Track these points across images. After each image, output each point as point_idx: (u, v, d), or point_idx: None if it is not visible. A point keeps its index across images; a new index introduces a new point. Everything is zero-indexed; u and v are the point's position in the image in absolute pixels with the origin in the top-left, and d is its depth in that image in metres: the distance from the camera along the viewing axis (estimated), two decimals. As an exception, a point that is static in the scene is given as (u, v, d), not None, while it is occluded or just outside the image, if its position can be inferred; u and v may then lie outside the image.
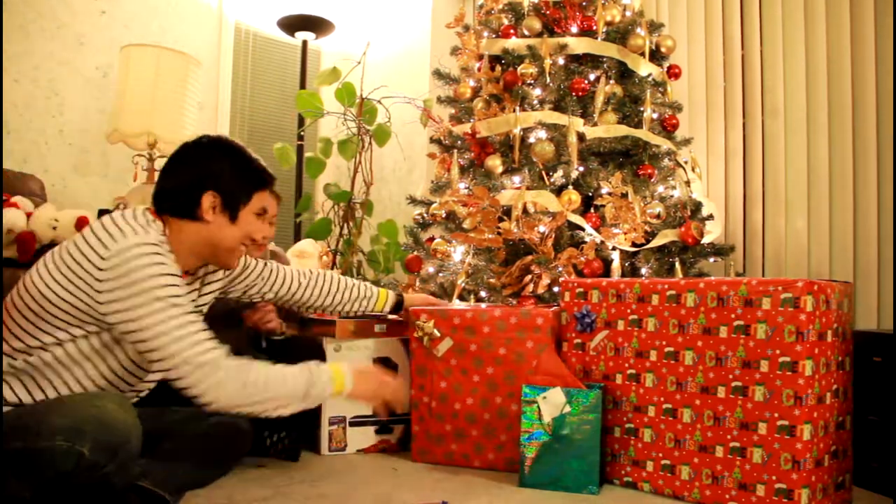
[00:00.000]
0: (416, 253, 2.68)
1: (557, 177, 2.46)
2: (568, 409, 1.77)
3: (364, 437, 2.13)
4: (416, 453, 2.02)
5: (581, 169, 2.47)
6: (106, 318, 1.37)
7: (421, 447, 2.02)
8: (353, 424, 2.10)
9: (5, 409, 1.36)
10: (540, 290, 2.29)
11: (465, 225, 2.42)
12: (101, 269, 1.36)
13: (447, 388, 1.99)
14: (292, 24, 3.85)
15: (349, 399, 1.55)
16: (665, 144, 2.57)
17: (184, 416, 1.71)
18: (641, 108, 2.58)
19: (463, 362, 1.97)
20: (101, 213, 3.24)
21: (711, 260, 2.49)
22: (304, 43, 3.97)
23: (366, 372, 1.60)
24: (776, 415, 1.55)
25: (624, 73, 2.66)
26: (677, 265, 2.38)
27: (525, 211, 2.36)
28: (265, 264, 1.91)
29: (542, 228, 2.34)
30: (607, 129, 2.48)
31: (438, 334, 1.98)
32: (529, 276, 2.32)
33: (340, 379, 1.51)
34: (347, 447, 2.09)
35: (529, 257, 2.33)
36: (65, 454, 1.20)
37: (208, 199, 1.51)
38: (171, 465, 1.55)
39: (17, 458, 1.22)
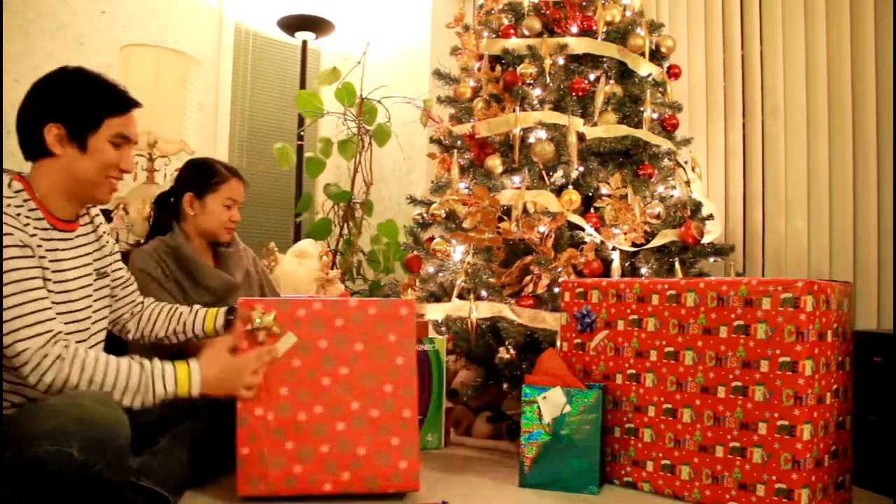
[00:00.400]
0: (415, 253, 2.68)
1: (557, 177, 2.46)
2: (568, 409, 1.77)
3: None
4: (245, 483, 1.56)
5: (581, 169, 2.46)
6: None
7: (251, 475, 1.56)
8: None
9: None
10: (540, 290, 2.29)
11: (465, 225, 2.41)
12: None
13: (289, 395, 1.60)
14: (292, 24, 3.85)
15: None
16: (665, 144, 2.57)
17: (181, 410, 1.71)
18: (641, 108, 2.58)
19: (309, 362, 1.62)
20: (102, 213, 3.25)
21: (711, 260, 2.49)
22: (304, 43, 3.97)
23: (216, 360, 1.52)
24: (776, 415, 1.55)
25: (624, 73, 2.66)
26: (677, 265, 2.38)
27: (525, 211, 2.36)
28: (129, 272, 1.81)
29: (542, 228, 2.34)
30: (607, 129, 2.48)
31: (278, 330, 1.61)
32: (529, 276, 2.32)
33: (184, 380, 1.45)
34: None
35: (529, 257, 2.33)
36: (54, 457, 1.19)
37: (52, 132, 1.43)
38: (170, 462, 1.55)
39: (7, 468, 1.22)
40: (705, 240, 2.46)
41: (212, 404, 1.71)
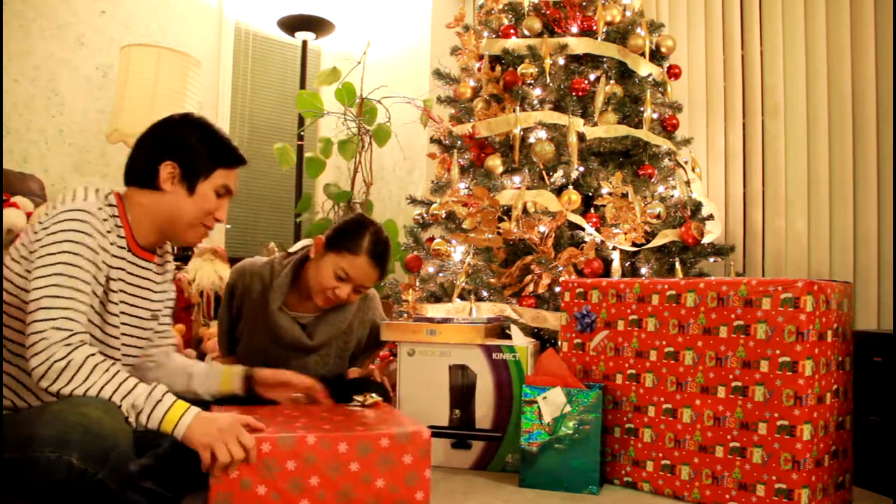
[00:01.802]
0: (416, 253, 2.68)
1: (557, 177, 2.46)
2: (568, 409, 1.77)
3: (439, 450, 1.97)
4: None
5: (581, 169, 2.47)
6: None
7: None
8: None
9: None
10: (540, 290, 2.29)
11: (465, 225, 2.41)
12: (39, 229, 1.37)
13: None
14: (292, 24, 3.85)
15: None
16: (665, 144, 2.57)
17: None
18: (641, 108, 2.58)
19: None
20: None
21: (711, 260, 2.49)
22: (304, 43, 3.97)
23: (215, 422, 1.35)
24: (776, 415, 1.55)
25: (624, 73, 2.67)
26: (677, 265, 2.38)
27: (525, 211, 2.36)
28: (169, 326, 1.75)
29: (542, 228, 2.34)
30: (607, 129, 2.48)
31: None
32: (530, 276, 2.32)
33: (173, 419, 1.33)
34: None
35: (529, 257, 2.33)
36: (54, 465, 1.19)
37: (167, 169, 1.50)
38: (172, 464, 1.55)
39: (6, 469, 1.22)
40: (705, 240, 2.46)
41: (214, 406, 1.70)
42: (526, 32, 2.68)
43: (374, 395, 1.69)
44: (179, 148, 1.52)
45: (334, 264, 1.85)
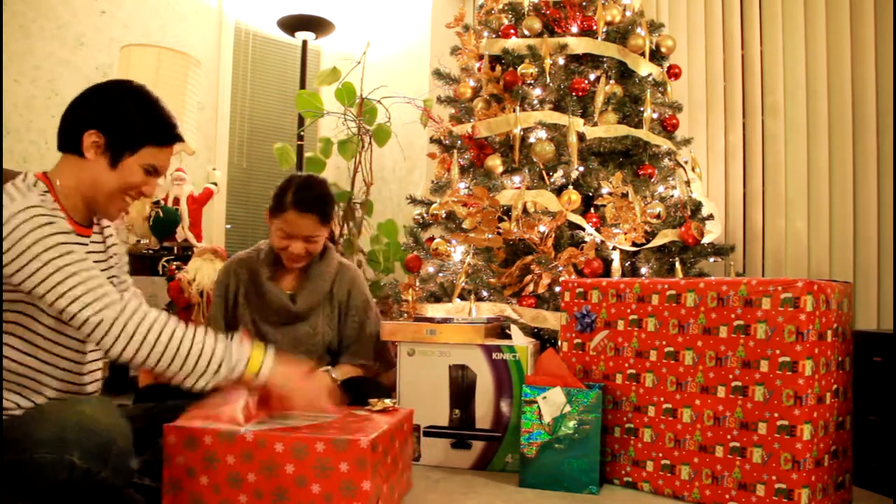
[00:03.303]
0: (415, 253, 2.68)
1: (557, 177, 2.46)
2: (568, 409, 1.77)
3: (439, 450, 1.98)
4: None
5: (581, 169, 2.47)
6: (20, 287, 1.34)
7: None
8: (427, 434, 2.00)
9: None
10: (540, 290, 2.29)
11: (465, 225, 2.41)
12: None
13: None
14: (292, 24, 3.85)
15: (254, 389, 1.44)
16: (665, 144, 2.57)
17: (177, 409, 1.71)
18: (641, 108, 2.58)
19: None
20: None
21: (711, 260, 2.49)
22: (304, 43, 3.97)
23: (291, 372, 1.47)
24: (776, 415, 1.55)
25: (624, 73, 2.67)
26: (677, 265, 2.38)
27: (525, 211, 2.36)
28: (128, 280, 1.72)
29: (542, 228, 2.34)
30: (607, 129, 2.48)
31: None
32: (530, 276, 2.32)
33: (257, 361, 1.41)
34: (421, 458, 1.99)
35: (530, 257, 2.33)
36: (55, 465, 1.18)
37: (91, 137, 1.44)
38: None
39: (8, 471, 1.22)
40: (705, 240, 2.46)
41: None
42: (526, 32, 2.68)
43: (387, 400, 1.68)
44: (108, 117, 1.44)
45: (276, 227, 2.00)
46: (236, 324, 2.10)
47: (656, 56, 2.74)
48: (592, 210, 2.45)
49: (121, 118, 1.45)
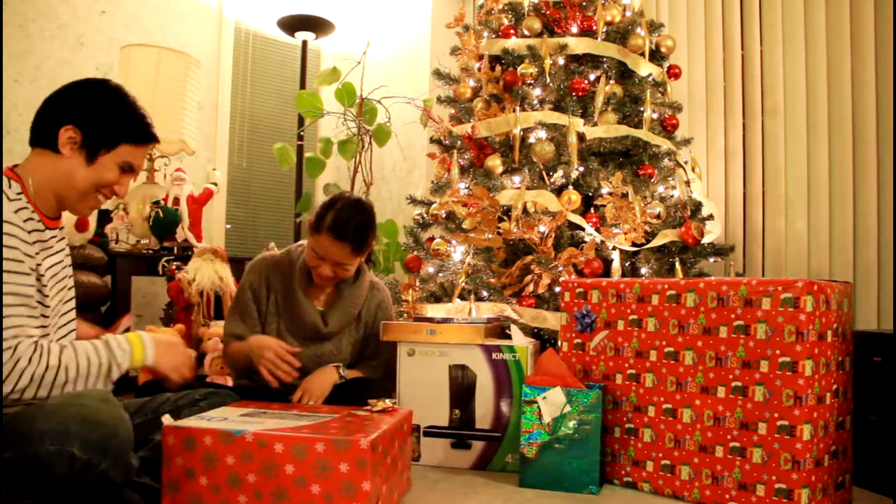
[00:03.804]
0: (415, 253, 2.68)
1: (557, 177, 2.46)
2: (568, 409, 1.77)
3: (439, 450, 1.98)
4: None
5: (581, 169, 2.47)
6: None
7: None
8: (427, 434, 1.99)
9: None
10: (540, 290, 2.29)
11: (465, 225, 2.41)
12: None
13: None
14: (292, 24, 3.85)
15: (148, 370, 1.51)
16: (665, 144, 2.57)
17: (174, 403, 1.71)
18: (641, 108, 2.58)
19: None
20: (102, 213, 3.25)
21: (711, 260, 2.49)
22: (304, 43, 3.97)
23: (167, 342, 1.52)
24: (776, 415, 1.55)
25: (624, 73, 2.67)
26: (677, 265, 2.38)
27: (525, 211, 2.36)
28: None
29: (542, 228, 2.34)
30: (607, 129, 2.48)
31: None
32: (530, 276, 2.32)
33: (140, 350, 1.46)
34: (421, 458, 1.98)
35: (530, 257, 2.33)
36: (56, 457, 1.19)
37: (67, 133, 1.43)
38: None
39: (9, 467, 1.22)
40: (705, 240, 2.46)
41: (210, 403, 1.71)
42: (526, 32, 2.68)
43: (387, 400, 1.68)
44: (85, 112, 1.44)
45: (312, 244, 1.95)
46: (262, 328, 2.07)
47: (656, 56, 2.74)
48: (592, 210, 2.45)
49: (98, 115, 1.45)
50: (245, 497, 1.38)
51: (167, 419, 1.49)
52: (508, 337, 2.02)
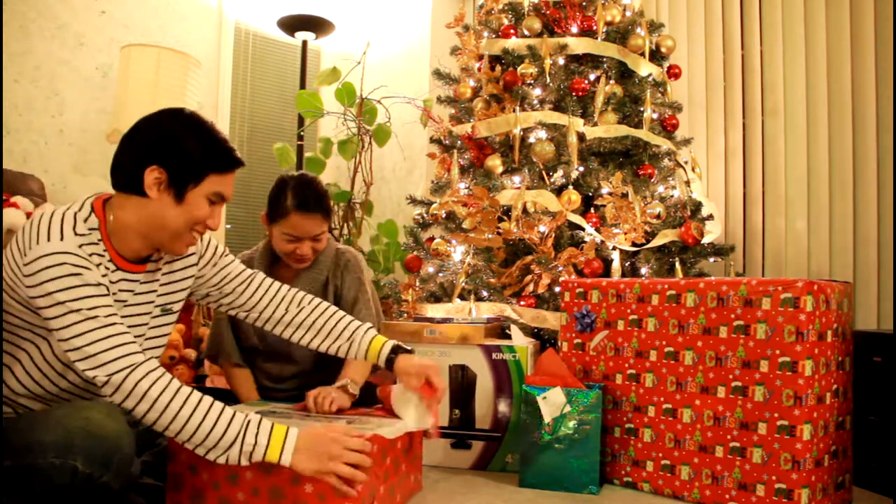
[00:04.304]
0: (415, 253, 2.68)
1: (557, 177, 2.46)
2: (568, 409, 1.77)
3: (439, 450, 1.98)
4: None
5: (581, 169, 2.47)
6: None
7: None
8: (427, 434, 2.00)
9: None
10: (540, 290, 2.29)
11: (465, 225, 2.41)
12: (24, 274, 1.28)
13: None
14: (292, 24, 3.85)
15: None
16: (665, 144, 2.57)
17: None
18: (641, 108, 2.58)
19: None
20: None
21: (711, 260, 2.49)
22: (304, 43, 3.97)
23: (317, 437, 1.32)
24: (776, 415, 1.55)
25: (624, 73, 2.67)
26: (677, 265, 2.38)
27: (525, 211, 2.36)
28: (251, 272, 1.68)
29: (542, 228, 2.34)
30: (607, 129, 2.48)
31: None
32: (530, 276, 2.32)
33: (277, 447, 1.28)
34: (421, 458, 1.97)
35: (529, 257, 2.33)
36: (58, 470, 1.19)
37: (152, 174, 1.35)
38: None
39: (9, 476, 1.21)
40: (705, 240, 2.46)
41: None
42: (526, 32, 2.68)
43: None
44: (167, 150, 1.36)
45: (279, 232, 1.98)
46: (238, 322, 2.08)
47: (656, 56, 2.74)
48: (592, 210, 2.45)
49: (180, 149, 1.37)
50: (243, 494, 1.38)
51: None
52: (508, 337, 2.02)
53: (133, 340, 1.30)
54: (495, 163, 2.53)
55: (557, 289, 2.27)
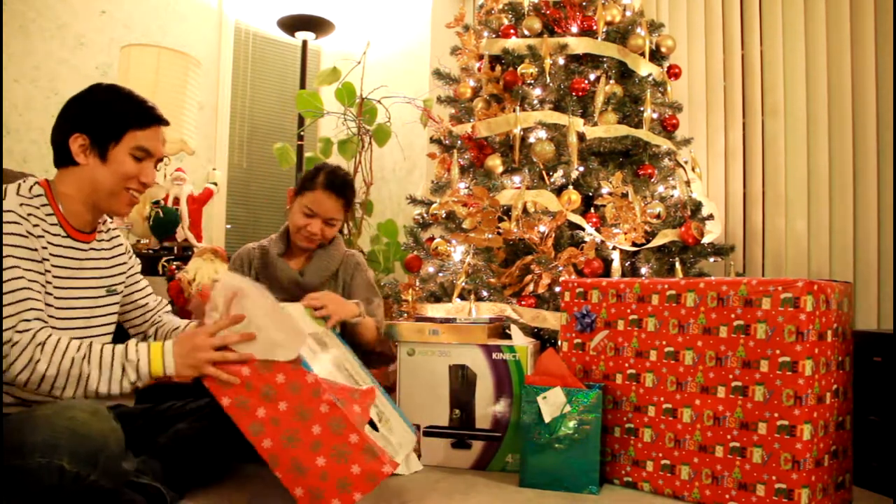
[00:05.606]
0: (416, 253, 2.68)
1: (557, 177, 2.46)
2: (568, 409, 1.77)
3: (439, 450, 1.98)
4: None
5: (581, 169, 2.47)
6: None
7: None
8: (427, 434, 2.00)
9: None
10: (540, 290, 2.29)
11: (465, 225, 2.41)
12: None
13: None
14: (292, 24, 3.85)
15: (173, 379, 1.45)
16: (665, 144, 2.57)
17: (177, 410, 1.71)
18: (641, 108, 2.58)
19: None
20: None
21: (711, 260, 2.49)
22: (304, 43, 3.97)
23: (186, 343, 1.42)
24: (776, 415, 1.55)
25: (624, 73, 2.67)
26: (677, 265, 2.38)
27: (525, 211, 2.36)
28: (150, 293, 1.79)
29: (542, 228, 2.34)
30: (607, 129, 2.48)
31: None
32: (530, 276, 2.32)
33: (158, 361, 1.41)
34: (420, 458, 1.97)
35: (530, 257, 2.33)
36: (45, 470, 1.19)
37: (77, 142, 1.47)
38: (168, 461, 1.55)
39: (4, 478, 1.21)
40: (705, 240, 2.46)
41: (211, 403, 1.71)
42: (526, 32, 2.68)
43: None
44: (85, 116, 1.48)
45: (300, 204, 2.11)
46: None
47: (656, 56, 2.74)
48: (592, 210, 2.45)
49: (97, 112, 1.48)
50: (264, 411, 1.37)
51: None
52: (508, 337, 2.02)
53: (31, 298, 1.38)
54: (495, 163, 2.53)
55: (557, 289, 2.27)
